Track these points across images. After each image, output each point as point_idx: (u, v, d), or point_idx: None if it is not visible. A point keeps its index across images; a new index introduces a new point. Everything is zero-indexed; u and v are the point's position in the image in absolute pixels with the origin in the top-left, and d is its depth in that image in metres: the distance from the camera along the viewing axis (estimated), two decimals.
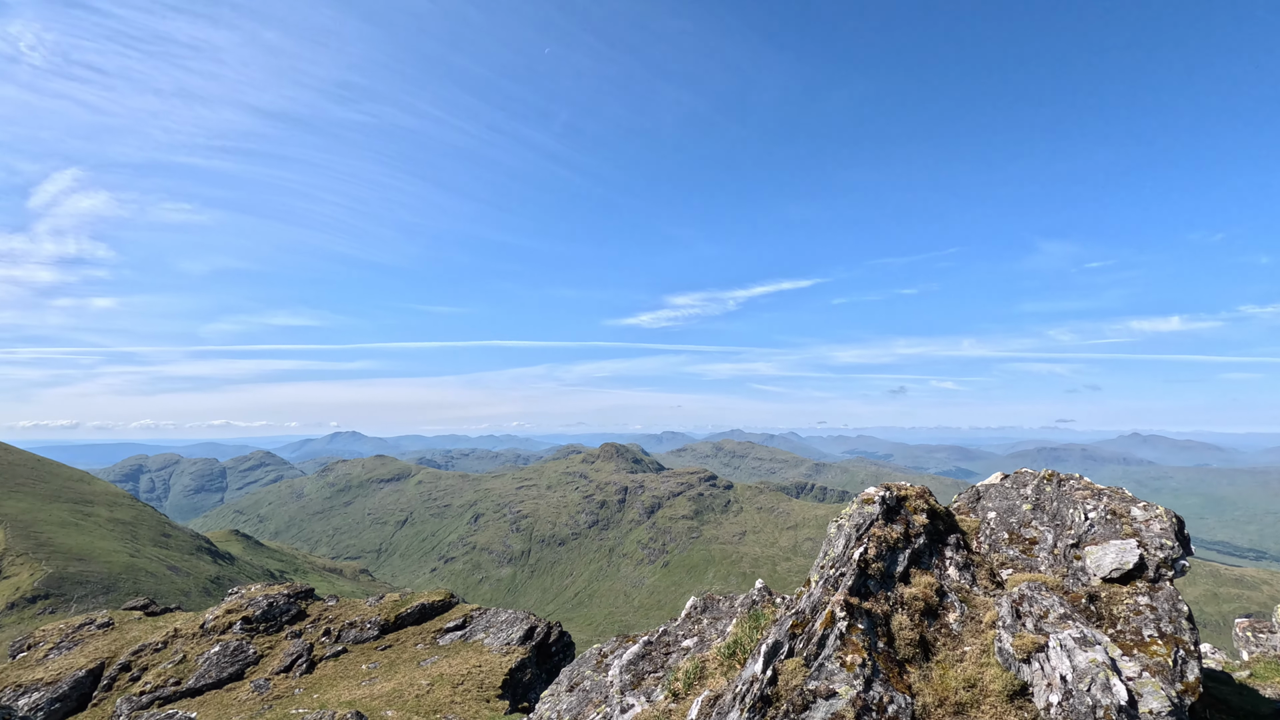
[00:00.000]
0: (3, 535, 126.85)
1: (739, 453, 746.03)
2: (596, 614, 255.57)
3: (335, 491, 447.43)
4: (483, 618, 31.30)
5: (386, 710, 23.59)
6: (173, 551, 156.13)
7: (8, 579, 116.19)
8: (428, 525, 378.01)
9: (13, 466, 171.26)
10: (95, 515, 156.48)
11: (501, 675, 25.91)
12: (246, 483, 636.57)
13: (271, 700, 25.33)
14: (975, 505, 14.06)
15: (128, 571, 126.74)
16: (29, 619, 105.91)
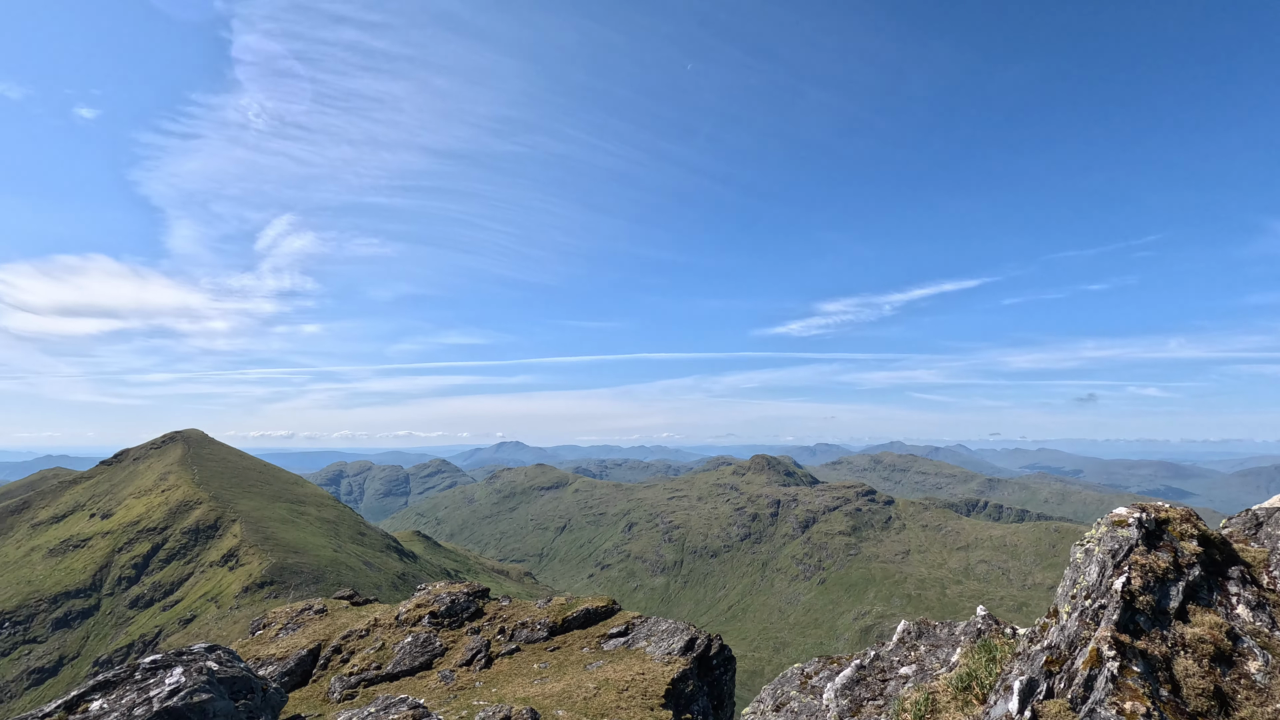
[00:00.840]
0: (239, 529, 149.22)
1: (900, 466, 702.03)
2: (750, 629, 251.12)
3: (501, 498, 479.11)
4: (644, 626, 31.73)
5: (558, 710, 24.47)
6: (367, 549, 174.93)
7: (243, 566, 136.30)
8: (584, 532, 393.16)
9: (246, 470, 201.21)
10: (307, 514, 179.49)
11: (664, 685, 26.04)
12: (426, 488, 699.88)
13: (456, 690, 27.22)
14: (1255, 533, 11.81)
15: (332, 565, 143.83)
16: (259, 601, 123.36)
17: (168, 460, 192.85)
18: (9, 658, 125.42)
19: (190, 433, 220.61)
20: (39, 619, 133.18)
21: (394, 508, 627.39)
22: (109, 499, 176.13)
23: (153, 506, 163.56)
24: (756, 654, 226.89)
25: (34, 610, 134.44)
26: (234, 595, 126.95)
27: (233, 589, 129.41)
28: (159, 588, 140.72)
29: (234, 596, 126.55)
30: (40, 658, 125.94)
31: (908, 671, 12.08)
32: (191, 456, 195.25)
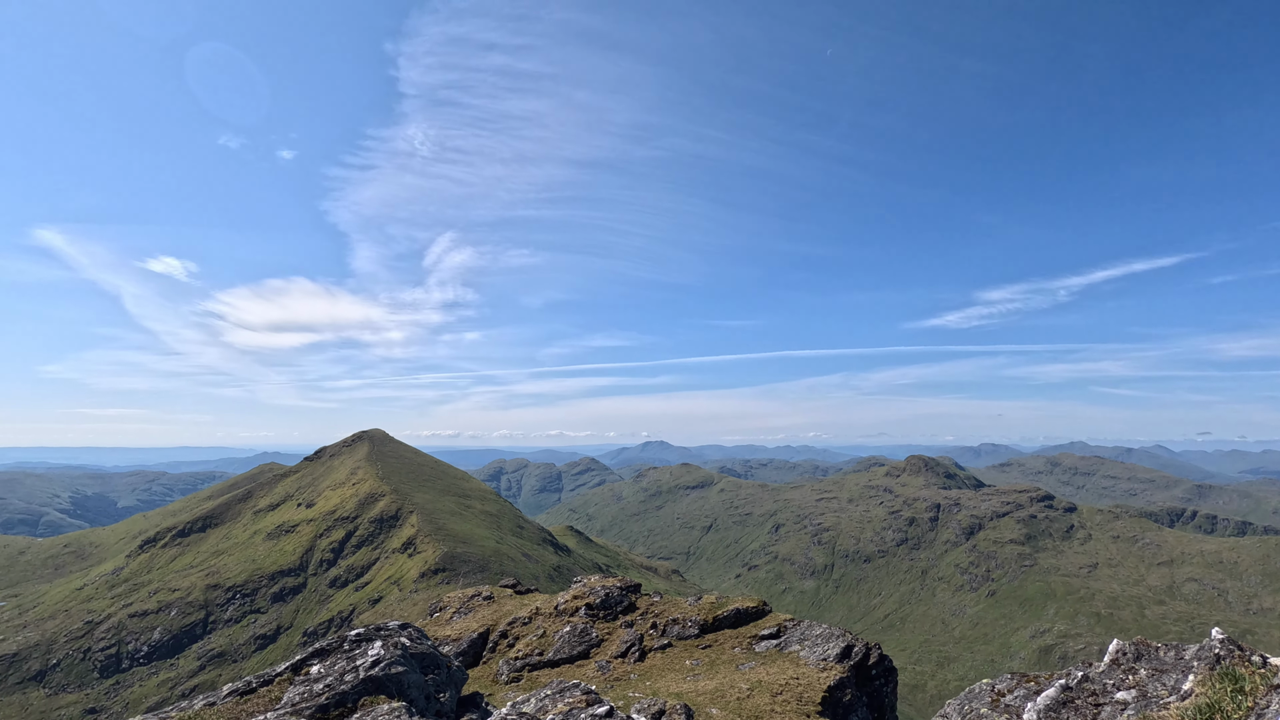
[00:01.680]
0: (416, 520, 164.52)
1: (1082, 469, 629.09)
2: (910, 639, 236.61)
3: (648, 496, 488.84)
4: (796, 629, 30.98)
5: (711, 708, 24.50)
6: (525, 541, 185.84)
7: (420, 554, 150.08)
8: (730, 532, 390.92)
9: (421, 467, 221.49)
10: (472, 507, 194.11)
11: (820, 691, 25.25)
12: (577, 485, 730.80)
13: (612, 681, 28.10)
14: None
15: (495, 555, 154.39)
16: (434, 587, 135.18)
17: (356, 457, 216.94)
18: (240, 624, 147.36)
19: (374, 432, 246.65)
20: (261, 593, 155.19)
21: (548, 503, 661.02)
22: (311, 490, 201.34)
23: (346, 498, 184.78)
24: (918, 667, 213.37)
25: (257, 585, 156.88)
26: (413, 580, 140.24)
27: (412, 574, 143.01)
28: (352, 570, 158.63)
29: (413, 581, 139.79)
30: (263, 626, 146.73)
31: (1126, 697, 10.68)
32: (375, 453, 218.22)
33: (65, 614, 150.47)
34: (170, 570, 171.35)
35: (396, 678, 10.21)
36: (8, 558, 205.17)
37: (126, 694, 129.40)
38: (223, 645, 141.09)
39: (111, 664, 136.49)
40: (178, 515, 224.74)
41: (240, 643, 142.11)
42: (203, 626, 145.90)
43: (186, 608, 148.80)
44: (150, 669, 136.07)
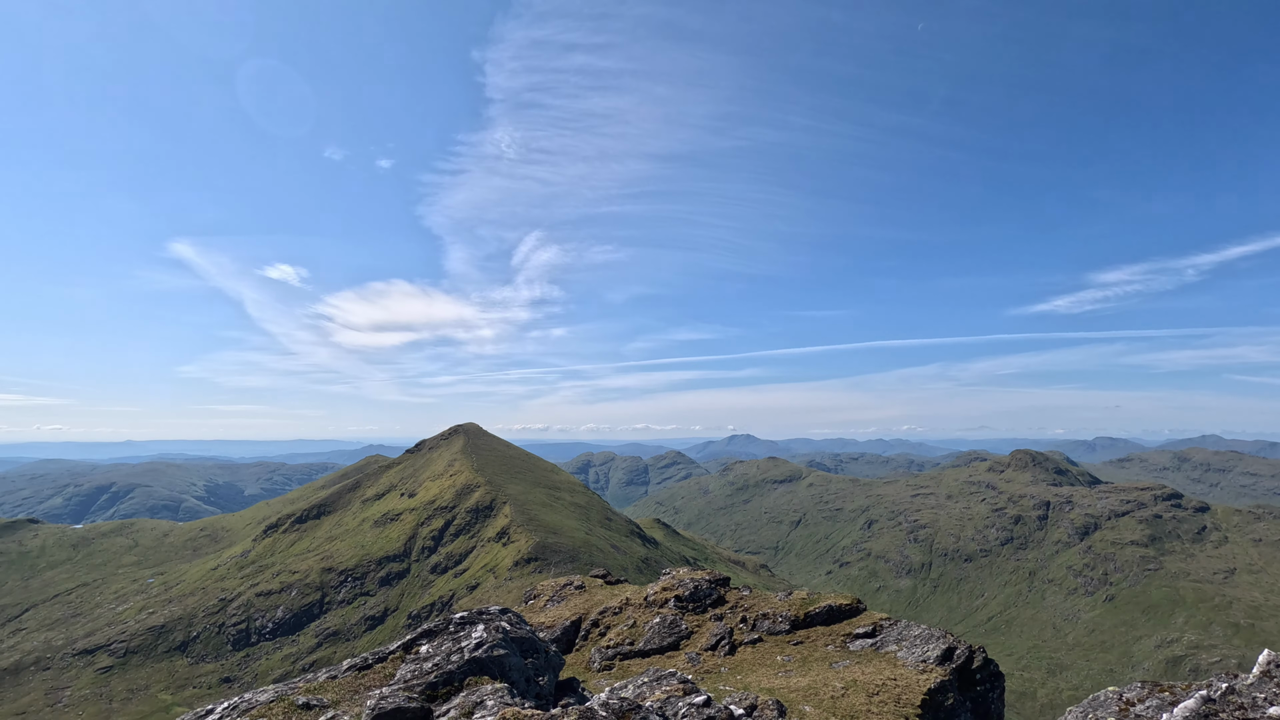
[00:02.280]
0: (509, 511, 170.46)
1: (1216, 465, 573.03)
2: (1017, 644, 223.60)
3: (735, 490, 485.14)
4: (894, 629, 29.98)
5: (804, 705, 24.11)
6: (613, 533, 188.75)
7: (513, 543, 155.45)
8: (820, 527, 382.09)
9: (512, 459, 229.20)
10: (562, 499, 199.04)
11: (919, 694, 24.34)
12: (664, 478, 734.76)
13: (702, 673, 28.15)
14: None
15: (585, 546, 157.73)
16: (527, 575, 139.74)
17: (453, 449, 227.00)
18: (351, 606, 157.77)
19: (468, 426, 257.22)
20: (370, 576, 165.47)
21: (635, 496, 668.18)
22: (412, 481, 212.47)
23: (444, 489, 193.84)
24: (1026, 674, 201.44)
25: (366, 569, 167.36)
26: (507, 568, 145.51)
27: (506, 562, 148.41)
28: (451, 557, 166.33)
29: (507, 569, 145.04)
30: (371, 608, 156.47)
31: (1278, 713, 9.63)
32: (470, 446, 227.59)
33: (203, 591, 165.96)
34: (290, 554, 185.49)
35: (499, 660, 10.71)
36: (155, 539, 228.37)
37: (255, 666, 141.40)
38: (337, 625, 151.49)
39: (242, 638, 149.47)
40: (295, 503, 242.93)
41: (352, 622, 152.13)
42: (319, 607, 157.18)
43: (305, 589, 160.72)
44: (275, 644, 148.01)
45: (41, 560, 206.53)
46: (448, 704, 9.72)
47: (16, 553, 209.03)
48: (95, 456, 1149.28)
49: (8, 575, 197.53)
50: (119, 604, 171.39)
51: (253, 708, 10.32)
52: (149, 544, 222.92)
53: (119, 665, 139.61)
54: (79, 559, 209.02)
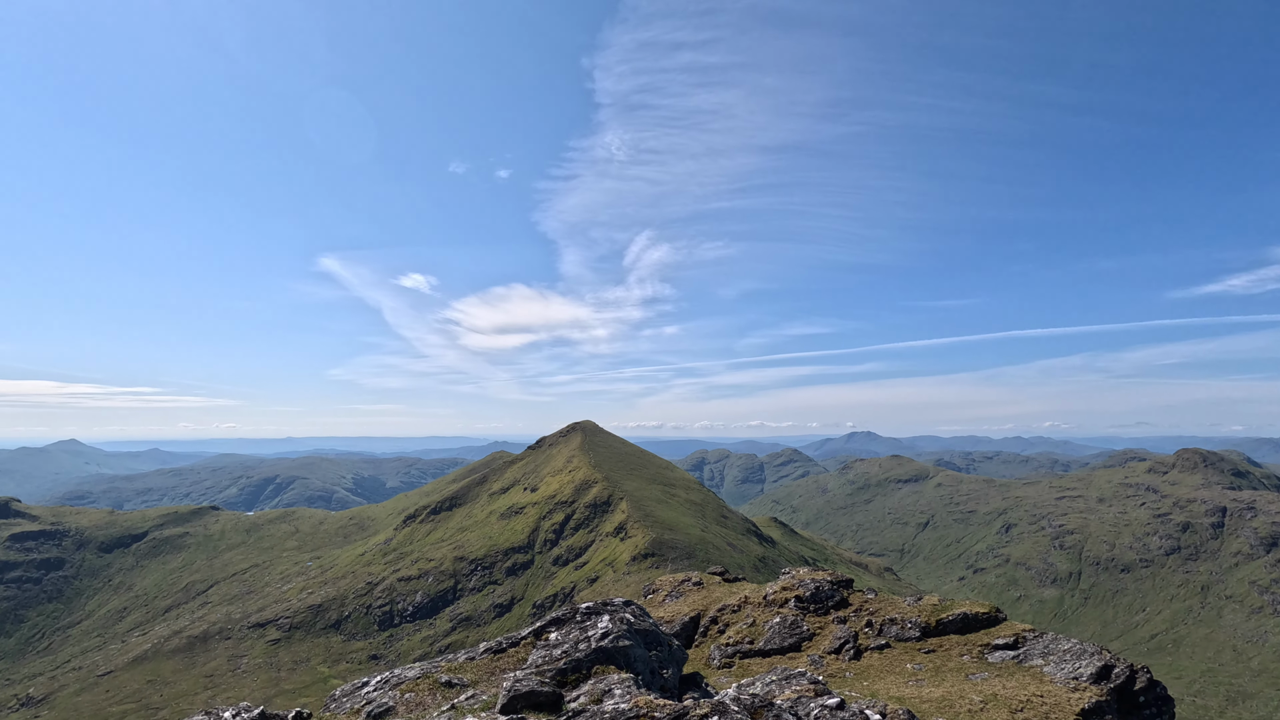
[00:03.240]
0: (626, 506, 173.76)
1: None
2: (1187, 666, 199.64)
3: (855, 489, 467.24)
4: (1039, 641, 27.74)
5: (937, 717, 22.89)
6: (729, 531, 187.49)
7: (631, 539, 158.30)
8: (950, 530, 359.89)
9: (628, 456, 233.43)
10: (677, 496, 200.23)
11: (1071, 714, 22.39)
12: (780, 476, 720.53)
13: (826, 677, 27.35)
14: None
15: (701, 543, 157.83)
16: (644, 570, 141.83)
17: (571, 446, 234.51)
18: (481, 593, 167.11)
19: (585, 423, 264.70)
20: (497, 566, 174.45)
21: (750, 494, 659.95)
22: (534, 476, 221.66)
23: (564, 484, 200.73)
24: (1200, 700, 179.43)
25: (494, 559, 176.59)
26: (625, 563, 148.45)
27: (624, 557, 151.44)
28: (571, 550, 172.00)
29: (625, 564, 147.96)
30: (500, 596, 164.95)
31: None
32: (588, 443, 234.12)
33: (352, 575, 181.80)
34: (426, 542, 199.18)
35: (624, 650, 11.01)
36: (312, 526, 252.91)
37: (398, 646, 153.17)
38: (468, 611, 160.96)
39: (386, 619, 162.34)
40: (430, 496, 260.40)
41: (482, 609, 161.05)
42: (452, 593, 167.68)
43: (440, 576, 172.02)
44: (415, 626, 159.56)
45: (222, 543, 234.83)
46: (577, 690, 10.12)
47: (203, 535, 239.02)
48: (262, 451, 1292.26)
49: (196, 555, 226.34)
50: (284, 584, 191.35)
51: (402, 682, 11.25)
52: (307, 530, 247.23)
53: (285, 639, 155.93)
54: (251, 542, 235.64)
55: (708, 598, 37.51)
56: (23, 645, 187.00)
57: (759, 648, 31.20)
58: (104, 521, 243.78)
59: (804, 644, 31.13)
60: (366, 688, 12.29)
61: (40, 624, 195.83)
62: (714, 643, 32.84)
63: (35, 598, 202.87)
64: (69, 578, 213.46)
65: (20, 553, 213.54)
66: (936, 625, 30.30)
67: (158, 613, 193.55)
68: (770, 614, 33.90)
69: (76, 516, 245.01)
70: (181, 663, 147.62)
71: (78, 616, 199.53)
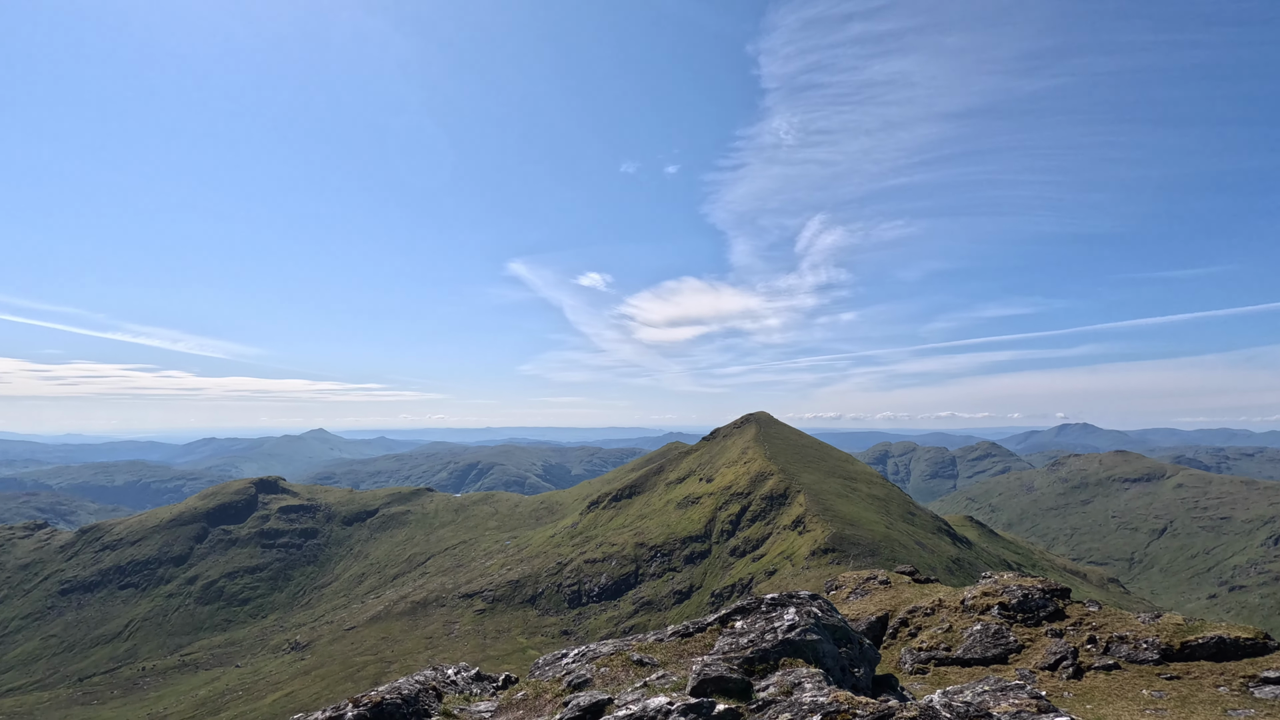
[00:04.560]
0: (803, 500, 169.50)
1: None
2: None
3: (1069, 488, 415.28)
4: None
5: None
6: (917, 529, 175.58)
7: (809, 533, 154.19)
8: (1196, 539, 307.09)
9: (804, 448, 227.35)
10: (858, 490, 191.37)
11: None
12: (975, 472, 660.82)
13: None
14: None
15: (885, 540, 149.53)
16: (823, 565, 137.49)
17: (746, 437, 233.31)
18: (661, 579, 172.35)
19: (760, 415, 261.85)
20: (675, 554, 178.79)
21: (940, 490, 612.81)
22: (709, 467, 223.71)
23: (739, 475, 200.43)
24: None
25: (672, 547, 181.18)
26: (804, 557, 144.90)
27: (802, 551, 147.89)
28: (748, 542, 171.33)
29: (804, 558, 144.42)
30: (679, 583, 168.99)
31: None
32: (762, 435, 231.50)
33: (544, 555, 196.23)
34: (608, 528, 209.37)
35: (812, 645, 10.78)
36: (509, 508, 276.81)
37: (586, 623, 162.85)
38: (649, 595, 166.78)
39: (575, 598, 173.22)
40: (611, 483, 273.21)
41: (662, 595, 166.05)
42: (634, 577, 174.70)
43: (622, 560, 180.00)
44: (600, 606, 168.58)
45: (435, 520, 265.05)
46: (765, 680, 10.09)
47: (420, 514, 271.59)
48: (465, 440, 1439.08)
49: (415, 531, 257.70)
50: (486, 559, 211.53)
51: (598, 656, 12.00)
52: (505, 512, 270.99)
53: (489, 609, 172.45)
54: (459, 521, 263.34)
55: (896, 598, 35.48)
56: (291, 599, 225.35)
57: (957, 655, 28.92)
58: (346, 499, 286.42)
59: (1010, 656, 28.31)
60: (565, 659, 13.26)
61: (302, 582, 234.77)
62: (904, 646, 30.99)
63: (298, 560, 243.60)
64: (321, 545, 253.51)
65: (286, 522, 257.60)
66: (1182, 649, 26.09)
67: (387, 579, 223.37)
68: (969, 620, 31.25)
69: (325, 494, 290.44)
70: (407, 624, 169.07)
71: (328, 579, 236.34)
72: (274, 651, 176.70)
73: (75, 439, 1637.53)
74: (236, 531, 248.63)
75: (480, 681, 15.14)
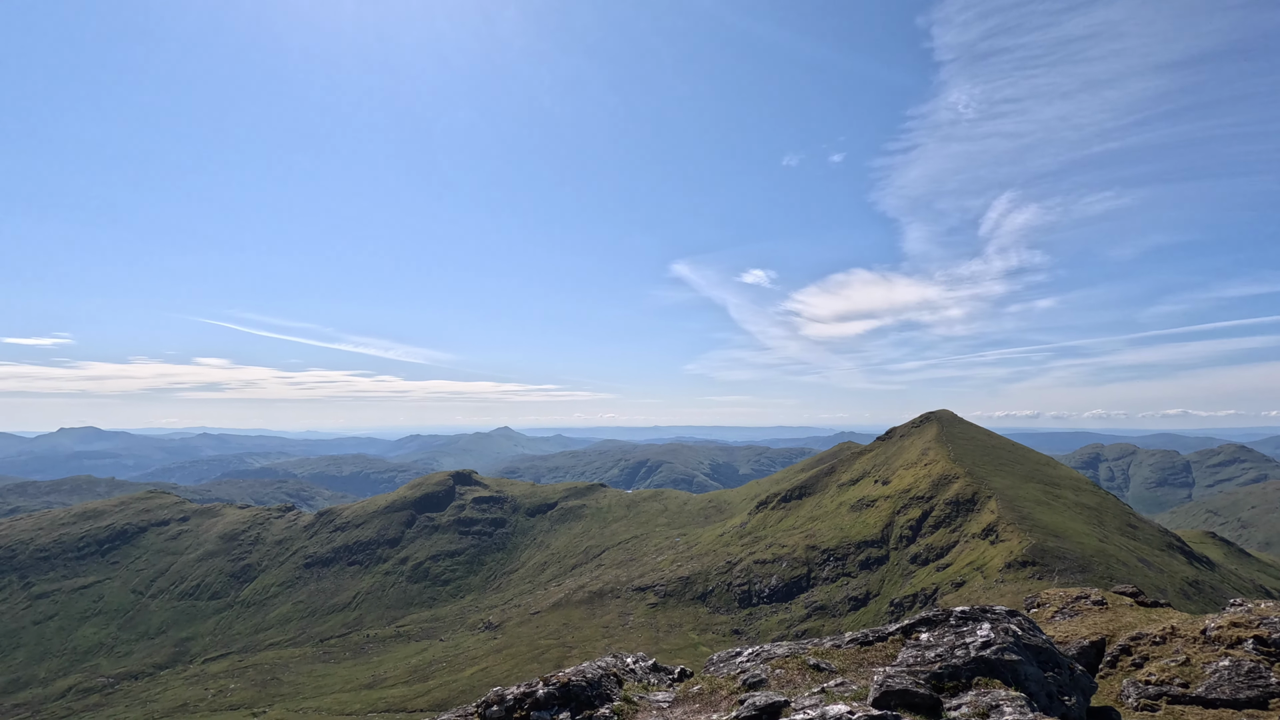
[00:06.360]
0: (995, 506, 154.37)
1: None
2: None
3: None
4: None
5: None
6: (1140, 544, 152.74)
7: (1003, 543, 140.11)
8: None
9: (995, 449, 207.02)
10: (1062, 497, 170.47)
11: None
12: (1216, 480, 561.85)
13: None
14: None
15: (1099, 555, 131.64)
16: (1020, 580, 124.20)
17: (926, 437, 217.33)
18: (835, 584, 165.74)
19: (941, 413, 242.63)
20: (850, 559, 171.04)
21: (1170, 501, 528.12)
22: (885, 469, 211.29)
23: (919, 478, 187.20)
24: None
25: (846, 551, 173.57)
26: (997, 569, 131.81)
27: (995, 563, 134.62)
28: (931, 549, 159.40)
29: (997, 570, 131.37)
30: (854, 589, 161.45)
31: None
32: (945, 434, 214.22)
33: (713, 553, 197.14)
34: (778, 529, 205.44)
35: (1011, 665, 9.78)
36: (678, 505, 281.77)
37: (757, 624, 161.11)
38: (822, 600, 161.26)
39: (745, 598, 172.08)
40: (780, 484, 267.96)
41: (836, 600, 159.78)
42: (806, 580, 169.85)
43: (793, 562, 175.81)
44: (771, 608, 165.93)
45: (609, 515, 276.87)
46: (957, 699, 9.33)
47: (594, 508, 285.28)
48: (635, 438, 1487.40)
49: (591, 524, 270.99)
50: (658, 555, 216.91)
51: (773, 657, 11.86)
52: (674, 509, 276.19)
53: (661, 604, 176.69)
54: (630, 516, 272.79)
55: (1115, 621, 31.16)
56: (484, 583, 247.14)
57: (1198, 694, 24.80)
58: (529, 492, 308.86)
59: (1271, 701, 23.73)
60: (739, 658, 13.28)
61: (493, 568, 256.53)
62: (1126, 677, 27.12)
63: (489, 547, 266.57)
64: (509, 534, 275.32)
65: (479, 512, 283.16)
66: None
67: (567, 569, 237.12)
68: (1213, 654, 26.63)
69: (511, 487, 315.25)
70: (585, 612, 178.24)
71: (515, 566, 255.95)
72: (470, 629, 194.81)
73: (313, 435, 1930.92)
74: (438, 519, 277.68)
75: (657, 672, 15.64)
